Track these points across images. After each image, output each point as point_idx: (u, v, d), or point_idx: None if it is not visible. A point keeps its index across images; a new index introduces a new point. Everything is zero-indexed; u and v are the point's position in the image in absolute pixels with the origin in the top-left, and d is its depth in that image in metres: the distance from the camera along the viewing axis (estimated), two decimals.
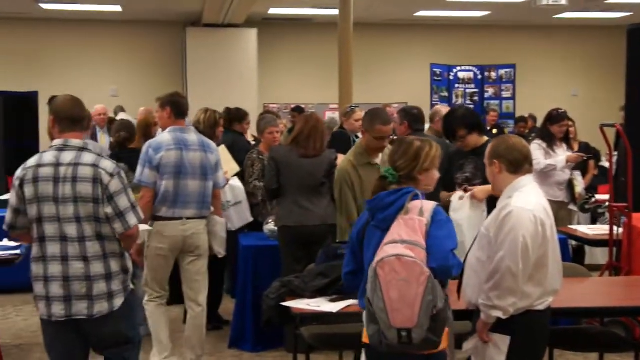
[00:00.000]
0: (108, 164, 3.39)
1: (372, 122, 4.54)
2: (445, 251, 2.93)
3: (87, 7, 12.34)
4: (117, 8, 12.39)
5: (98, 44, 13.87)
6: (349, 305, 3.69)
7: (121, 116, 11.56)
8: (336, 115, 10.28)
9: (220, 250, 5.06)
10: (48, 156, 3.37)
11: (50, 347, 3.49)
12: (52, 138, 3.50)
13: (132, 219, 3.39)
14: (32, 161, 3.39)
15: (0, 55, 13.36)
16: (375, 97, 12.45)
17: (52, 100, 4.14)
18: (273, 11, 12.95)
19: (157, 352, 4.92)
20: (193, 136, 4.83)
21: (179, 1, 11.91)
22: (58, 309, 3.34)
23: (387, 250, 2.92)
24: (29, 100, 10.83)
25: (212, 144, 5.02)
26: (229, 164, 5.86)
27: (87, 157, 3.37)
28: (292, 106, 11.26)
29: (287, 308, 3.77)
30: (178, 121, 4.83)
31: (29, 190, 3.33)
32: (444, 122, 4.94)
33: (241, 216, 5.89)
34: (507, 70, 13.33)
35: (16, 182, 3.36)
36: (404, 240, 2.92)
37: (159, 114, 4.90)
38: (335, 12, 10.27)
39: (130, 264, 3.52)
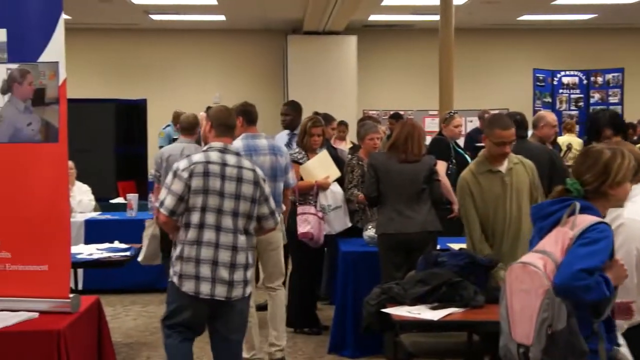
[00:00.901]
0: (260, 171, 4.02)
1: (491, 126, 4.42)
2: (572, 269, 2.62)
3: (193, 17, 12.73)
4: (222, 17, 12.73)
5: (202, 53, 14.28)
6: (450, 314, 3.68)
7: None
8: (436, 121, 10.14)
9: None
10: (213, 156, 3.90)
11: (179, 318, 3.89)
12: (205, 142, 4.11)
13: (277, 218, 4.11)
14: (198, 157, 3.90)
15: (112, 65, 13.96)
16: (476, 103, 12.30)
17: (208, 109, 5.00)
18: (373, 18, 12.99)
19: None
20: (263, 141, 5.20)
21: (281, 10, 12.12)
22: (205, 288, 3.82)
23: (524, 257, 2.80)
24: (138, 108, 11.22)
25: (283, 148, 5.40)
26: (329, 169, 5.93)
27: (246, 162, 3.99)
28: (392, 112, 11.26)
29: (387, 315, 3.78)
30: (250, 128, 5.23)
31: (197, 182, 3.82)
32: (589, 121, 4.86)
33: (340, 221, 5.94)
34: (615, 74, 12.90)
35: (184, 174, 3.83)
36: (544, 251, 2.75)
37: None
38: (436, 17, 10.21)
39: None
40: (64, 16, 3.69)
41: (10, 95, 3.71)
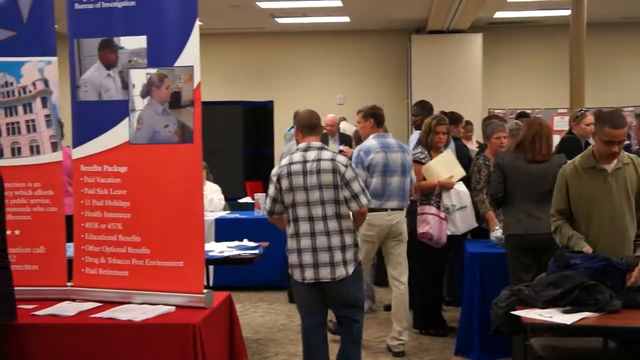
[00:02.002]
0: (342, 158, 4.32)
1: (601, 124, 4.24)
2: None
3: (318, 19, 12.88)
4: (346, 19, 12.82)
5: (326, 54, 14.42)
6: (583, 318, 3.56)
7: (342, 125, 11.94)
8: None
9: None
10: (296, 156, 4.30)
11: (301, 304, 4.41)
12: (298, 143, 4.45)
13: (363, 199, 4.30)
14: (284, 161, 4.32)
15: (240, 68, 14.34)
16: (608, 100, 11.79)
17: (296, 114, 5.40)
18: (499, 15, 12.71)
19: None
20: (392, 140, 5.65)
21: (405, 10, 12.07)
22: (309, 274, 4.23)
23: None
24: (265, 109, 11.47)
25: (407, 146, 5.77)
26: (454, 168, 5.86)
27: (326, 154, 4.31)
28: (518, 111, 10.99)
29: (517, 317, 3.70)
30: (379, 129, 5.68)
31: (284, 183, 4.24)
32: None
33: (466, 221, 5.86)
34: None
35: (274, 178, 4.31)
36: None
37: (362, 124, 5.82)
38: (566, 12, 9.87)
39: (359, 241, 4.43)
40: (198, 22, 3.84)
41: (149, 98, 3.90)
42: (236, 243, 5.81)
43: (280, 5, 11.49)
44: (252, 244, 5.77)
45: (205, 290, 3.86)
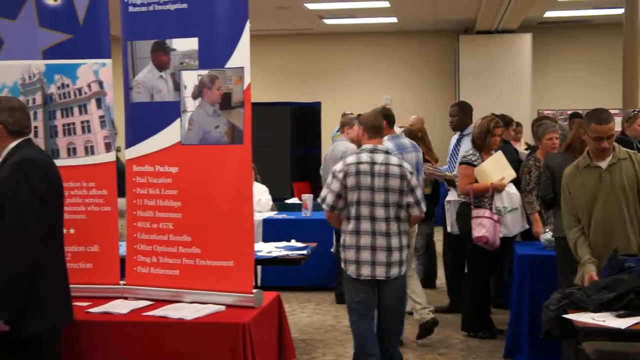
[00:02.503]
0: (408, 165, 4.56)
1: (588, 121, 4.28)
2: None
3: (366, 20, 12.89)
4: (393, 19, 12.80)
5: (374, 55, 14.41)
6: (638, 322, 3.49)
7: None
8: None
9: None
10: (364, 156, 4.46)
11: (352, 300, 4.55)
12: (359, 145, 4.67)
13: (423, 206, 4.55)
14: (351, 159, 4.48)
15: (287, 69, 14.41)
16: None
17: (359, 116, 5.62)
18: (549, 14, 12.55)
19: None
20: (406, 140, 5.79)
21: (453, 10, 12.00)
22: (366, 271, 4.42)
23: None
24: (312, 110, 11.50)
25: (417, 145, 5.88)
26: (505, 170, 5.80)
27: (394, 159, 4.53)
28: (569, 112, 10.83)
29: (569, 321, 3.65)
30: (391, 130, 5.74)
31: (351, 181, 4.40)
32: None
33: (517, 223, 5.80)
34: None
35: (340, 175, 4.44)
36: None
37: None
38: (619, 11, 9.70)
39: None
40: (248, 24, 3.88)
41: (200, 100, 3.95)
42: (284, 243, 5.83)
43: (328, 6, 11.52)
44: (300, 244, 5.79)
45: (254, 290, 3.90)
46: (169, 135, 4.02)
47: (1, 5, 4.09)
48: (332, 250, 6.32)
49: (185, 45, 3.94)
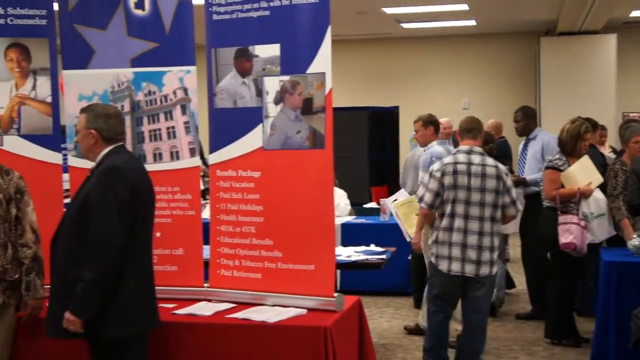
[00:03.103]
0: (502, 166, 4.73)
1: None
2: None
3: (444, 23, 12.78)
4: (472, 22, 12.65)
5: (451, 58, 14.28)
6: None
7: None
8: None
9: None
10: (461, 157, 4.69)
11: (437, 294, 4.77)
12: (455, 145, 5.00)
13: (519, 205, 4.76)
14: (448, 159, 4.73)
15: (365, 73, 14.41)
16: None
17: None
18: (635, 14, 12.17)
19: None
20: (450, 146, 6.20)
21: (534, 11, 11.77)
22: (456, 267, 4.61)
23: None
24: (390, 115, 11.48)
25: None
26: (592, 175, 5.66)
27: (490, 160, 4.70)
28: None
29: None
30: (437, 136, 6.21)
31: (448, 180, 4.62)
32: None
33: (604, 229, 5.65)
34: None
35: (437, 174, 4.67)
36: None
37: (422, 131, 6.25)
38: None
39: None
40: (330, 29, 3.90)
41: (282, 105, 3.99)
42: (363, 248, 5.84)
43: (406, 10, 11.47)
44: (379, 249, 5.79)
45: (335, 294, 3.91)
46: (252, 141, 4.08)
47: (93, 17, 4.24)
48: (409, 257, 6.30)
49: (267, 51, 4.00)
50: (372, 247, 5.87)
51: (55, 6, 4.30)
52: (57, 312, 3.36)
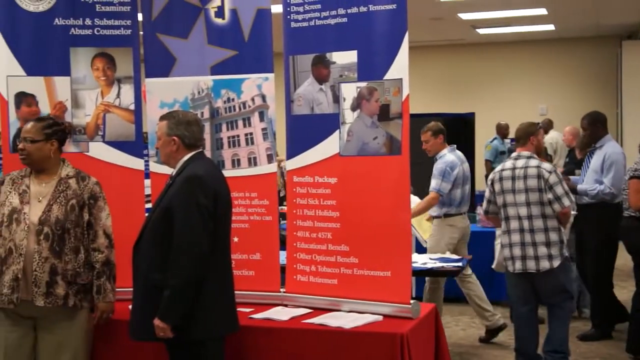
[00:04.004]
0: (547, 165, 4.98)
1: None
2: None
3: (521, 28, 12.59)
4: (551, 27, 12.42)
5: (528, 64, 14.04)
6: None
7: (550, 134, 11.51)
8: None
9: None
10: (508, 163, 5.07)
11: (512, 293, 5.19)
12: (537, 153, 5.14)
13: (566, 201, 4.88)
14: (498, 168, 5.13)
15: (440, 80, 14.31)
16: None
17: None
18: None
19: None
20: (459, 152, 6.34)
21: (616, 15, 11.49)
22: (518, 265, 4.94)
23: None
24: (466, 121, 11.33)
25: None
26: None
27: (533, 162, 4.99)
28: None
29: None
30: (446, 144, 6.26)
31: (497, 187, 5.04)
32: None
33: None
34: None
35: (489, 182, 5.13)
36: None
37: (432, 140, 6.24)
38: None
39: (565, 237, 5.00)
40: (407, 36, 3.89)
41: (359, 111, 4.00)
42: (439, 255, 5.79)
43: (482, 15, 11.36)
44: (455, 256, 5.73)
45: (412, 301, 3.89)
46: (328, 147, 4.10)
47: (175, 26, 4.34)
48: (492, 266, 6.22)
49: (344, 58, 4.02)
50: (448, 255, 5.82)
51: (140, 17, 4.43)
52: (139, 315, 3.45)
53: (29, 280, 3.58)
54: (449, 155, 6.18)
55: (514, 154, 5.09)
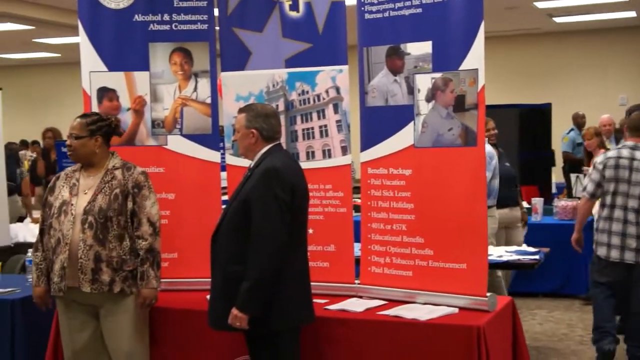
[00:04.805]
0: None
1: None
2: None
3: (599, 16, 12.25)
4: (632, 14, 12.05)
5: (607, 52, 13.67)
6: None
7: None
8: None
9: None
10: (624, 152, 5.03)
11: (599, 280, 5.16)
12: (617, 141, 5.08)
13: None
14: (612, 153, 5.11)
15: (515, 70, 14.03)
16: None
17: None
18: None
19: None
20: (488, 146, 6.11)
21: None
22: (615, 254, 4.97)
23: None
24: (542, 112, 11.11)
25: None
26: None
27: None
28: None
29: None
30: None
31: (608, 173, 5.03)
32: None
33: None
34: None
35: (599, 166, 5.09)
36: None
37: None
38: None
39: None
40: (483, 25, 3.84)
41: (434, 102, 3.97)
42: (515, 248, 5.71)
43: (559, 4, 11.11)
44: (532, 249, 5.63)
45: (488, 294, 3.85)
46: (403, 138, 4.08)
47: (250, 20, 4.39)
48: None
49: (419, 49, 3.99)
50: (525, 248, 5.72)
51: (216, 12, 4.50)
52: (218, 305, 3.52)
53: (75, 268, 3.73)
54: (487, 146, 6.02)
55: (629, 143, 5.06)
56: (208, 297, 3.71)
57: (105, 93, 4.47)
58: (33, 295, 3.94)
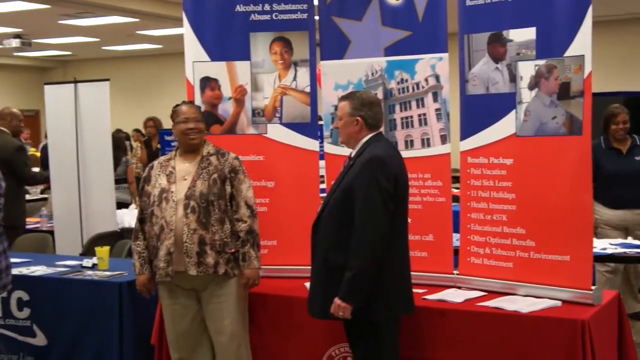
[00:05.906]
0: None
1: None
2: None
3: None
4: None
5: None
6: None
7: None
8: None
9: None
10: None
11: None
12: None
13: None
14: None
15: (622, 56, 13.50)
16: None
17: None
18: None
19: None
20: None
21: None
22: None
23: None
24: None
25: None
26: None
27: None
28: None
29: None
30: None
31: None
32: None
33: None
34: None
35: None
36: None
37: None
38: None
39: None
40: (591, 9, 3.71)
41: (537, 90, 3.87)
42: (619, 240, 5.53)
43: None
44: (637, 242, 5.44)
45: (593, 287, 3.74)
46: (504, 127, 4.00)
47: (350, 8, 4.39)
48: None
49: (522, 35, 3.89)
50: (630, 240, 5.53)
51: (315, 1, 4.52)
52: (318, 293, 3.55)
53: (180, 252, 3.83)
54: None
55: None
56: (306, 284, 3.75)
57: (207, 82, 4.58)
58: (137, 283, 4.06)
